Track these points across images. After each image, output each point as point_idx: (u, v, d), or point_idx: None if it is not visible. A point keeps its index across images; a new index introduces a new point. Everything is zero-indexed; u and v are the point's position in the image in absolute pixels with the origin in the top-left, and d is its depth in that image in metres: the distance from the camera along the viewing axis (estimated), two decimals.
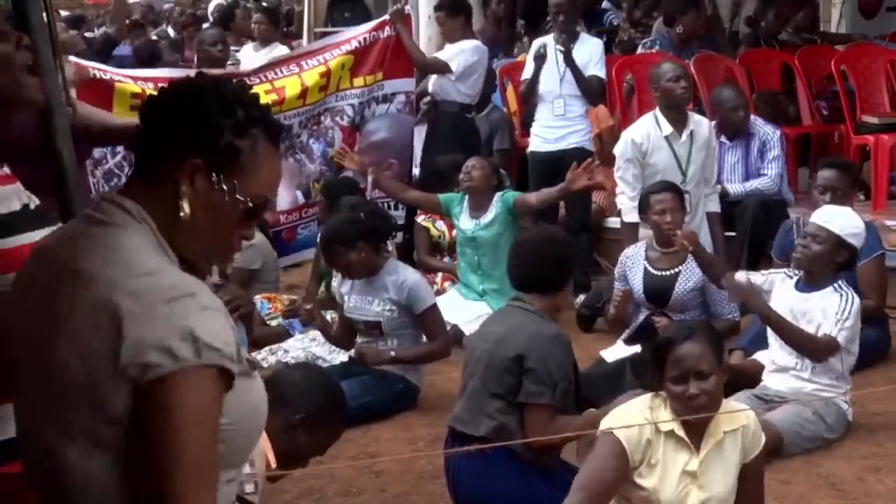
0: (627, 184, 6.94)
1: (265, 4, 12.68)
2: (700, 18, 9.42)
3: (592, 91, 7.87)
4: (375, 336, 5.76)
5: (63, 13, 14.48)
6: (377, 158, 7.61)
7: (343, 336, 5.96)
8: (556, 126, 7.86)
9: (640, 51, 9.53)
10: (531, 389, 4.14)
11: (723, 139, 7.45)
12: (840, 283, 5.14)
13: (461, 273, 7.11)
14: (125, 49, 12.10)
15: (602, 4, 11.68)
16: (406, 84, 7.94)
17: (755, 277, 5.45)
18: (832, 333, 4.99)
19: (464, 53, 8.15)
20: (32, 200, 2.45)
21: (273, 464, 3.37)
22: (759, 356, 5.37)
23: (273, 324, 6.85)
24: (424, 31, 9.45)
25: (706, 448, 3.60)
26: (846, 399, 5.11)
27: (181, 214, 1.88)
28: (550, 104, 7.86)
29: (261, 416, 1.96)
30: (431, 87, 8.26)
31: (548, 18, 8.71)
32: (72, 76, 5.18)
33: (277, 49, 9.63)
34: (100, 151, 6.54)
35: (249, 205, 1.92)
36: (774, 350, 5.21)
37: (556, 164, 7.46)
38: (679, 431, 3.59)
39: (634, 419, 3.61)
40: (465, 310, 6.78)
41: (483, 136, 8.46)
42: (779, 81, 9.13)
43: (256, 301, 6.70)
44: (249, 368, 1.91)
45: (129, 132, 2.06)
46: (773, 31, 9.89)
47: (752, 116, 7.60)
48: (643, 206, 6.18)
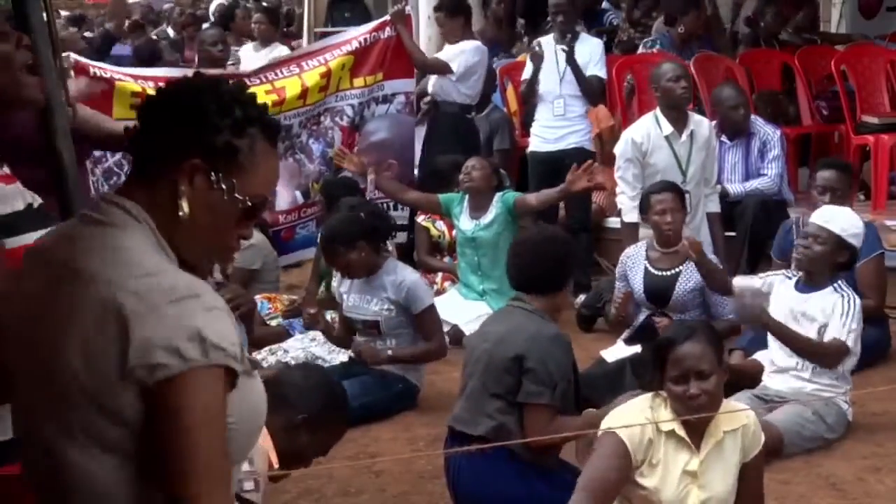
0: (627, 183, 6.94)
1: (265, 4, 12.68)
2: (701, 18, 9.42)
3: (593, 91, 7.87)
4: (374, 335, 5.75)
5: (63, 13, 14.49)
6: (377, 159, 7.60)
7: (344, 336, 5.95)
8: (556, 126, 7.85)
9: (642, 50, 9.52)
10: (531, 389, 4.13)
11: (723, 138, 7.43)
12: (840, 283, 5.14)
13: (461, 273, 7.10)
14: (124, 49, 12.10)
15: (602, 4, 11.68)
16: (406, 84, 7.92)
17: (753, 281, 5.44)
18: (841, 337, 5.00)
19: (465, 54, 8.14)
20: (35, 200, 2.45)
21: (275, 464, 3.37)
22: (759, 356, 5.37)
23: (273, 324, 6.86)
24: (424, 32, 9.46)
25: (706, 448, 3.60)
26: (846, 399, 5.12)
27: (180, 214, 1.88)
28: (550, 104, 7.85)
29: (260, 416, 1.96)
30: (432, 88, 8.25)
31: (548, 18, 8.70)
32: (84, 87, 5.16)
33: (277, 49, 9.64)
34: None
35: (248, 204, 1.92)
36: (774, 351, 5.21)
37: (556, 165, 7.46)
38: (680, 431, 3.59)
39: (635, 419, 3.61)
40: (465, 310, 6.78)
41: (483, 137, 8.46)
42: (779, 81, 9.12)
43: (256, 301, 6.70)
44: (250, 368, 1.91)
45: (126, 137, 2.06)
46: (772, 31, 9.88)
47: (753, 116, 7.59)
48: (644, 207, 6.18)
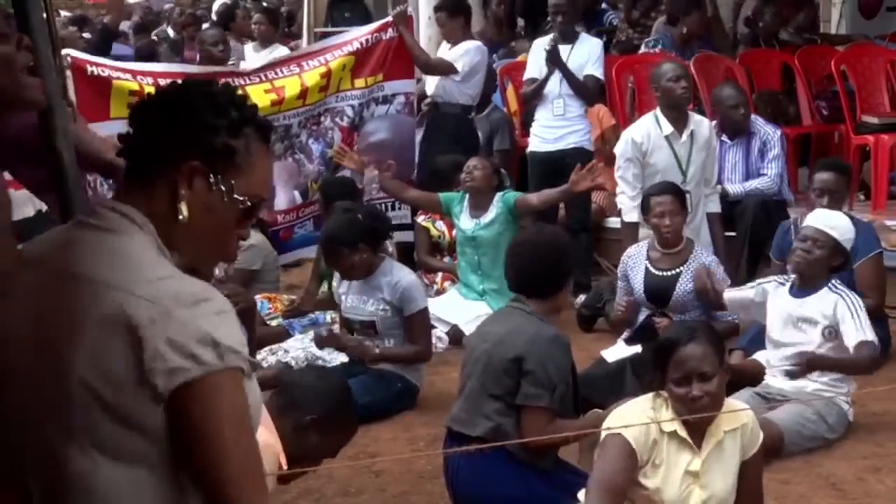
0: (628, 183, 6.93)
1: (265, 5, 12.68)
2: (703, 19, 9.42)
3: (587, 91, 7.84)
4: (370, 336, 5.76)
5: (63, 13, 14.48)
6: (376, 159, 7.60)
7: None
8: (556, 126, 7.84)
9: (643, 50, 9.52)
10: (529, 392, 4.12)
11: (723, 138, 7.43)
12: (834, 283, 5.13)
13: (461, 273, 7.10)
14: (124, 49, 12.08)
15: (602, 5, 11.68)
16: (406, 85, 7.91)
17: (745, 293, 5.44)
18: (866, 338, 4.97)
19: (468, 54, 8.12)
20: (43, 206, 2.45)
21: (284, 464, 3.37)
22: (759, 356, 5.37)
23: (273, 324, 6.86)
24: (424, 32, 9.46)
25: (708, 448, 3.61)
26: (847, 399, 5.12)
27: (180, 217, 1.88)
28: (550, 104, 7.84)
29: (256, 417, 1.95)
30: (433, 90, 8.22)
31: (548, 19, 8.70)
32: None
33: (277, 50, 9.63)
34: None
35: (247, 204, 1.93)
36: (771, 352, 5.21)
37: (556, 164, 7.47)
38: (681, 432, 3.60)
39: (637, 420, 3.62)
40: (465, 310, 6.78)
41: (483, 137, 8.45)
42: (779, 81, 9.11)
43: (256, 301, 6.69)
44: (251, 370, 1.91)
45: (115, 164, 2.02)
46: (771, 31, 9.88)
47: (753, 116, 7.58)
48: (644, 208, 6.18)
